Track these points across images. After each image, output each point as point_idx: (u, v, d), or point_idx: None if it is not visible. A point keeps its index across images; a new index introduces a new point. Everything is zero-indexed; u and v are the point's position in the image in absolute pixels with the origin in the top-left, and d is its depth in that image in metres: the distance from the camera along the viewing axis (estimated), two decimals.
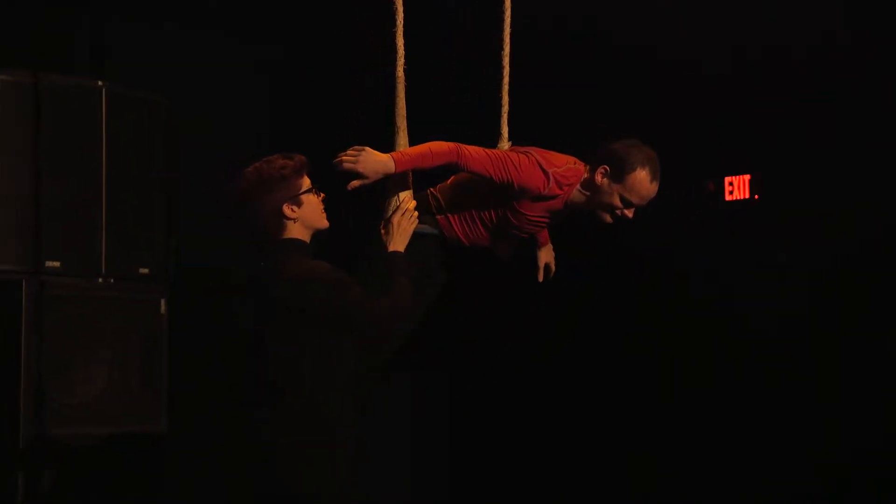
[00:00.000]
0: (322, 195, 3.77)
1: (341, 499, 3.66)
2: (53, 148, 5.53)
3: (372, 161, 3.88)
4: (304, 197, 3.73)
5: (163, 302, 5.80)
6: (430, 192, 4.20)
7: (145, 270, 5.77)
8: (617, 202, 4.09)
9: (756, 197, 5.90)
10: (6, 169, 5.42)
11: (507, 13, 4.35)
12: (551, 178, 4.02)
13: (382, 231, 3.94)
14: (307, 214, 3.74)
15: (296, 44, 7.02)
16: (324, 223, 3.78)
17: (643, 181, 4.06)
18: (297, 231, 3.74)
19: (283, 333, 3.64)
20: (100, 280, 5.63)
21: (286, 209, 3.71)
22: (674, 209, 6.03)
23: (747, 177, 5.92)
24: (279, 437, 3.61)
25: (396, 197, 3.98)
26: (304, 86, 7.06)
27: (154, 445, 5.73)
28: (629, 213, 4.13)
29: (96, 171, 5.64)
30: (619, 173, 4.06)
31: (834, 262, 5.63)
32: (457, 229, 4.16)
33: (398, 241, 3.91)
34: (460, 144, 3.97)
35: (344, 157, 3.88)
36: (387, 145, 3.99)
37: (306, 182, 3.75)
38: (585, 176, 4.11)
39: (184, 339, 6.00)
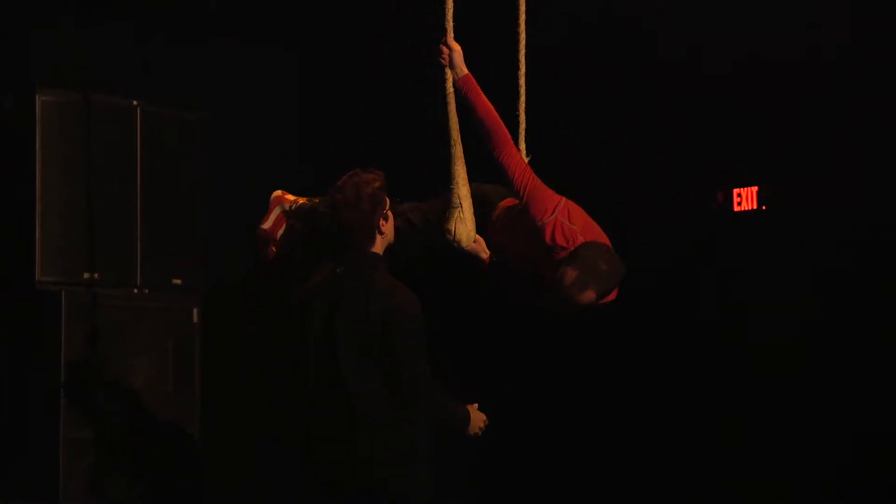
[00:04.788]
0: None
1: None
2: (92, 165, 5.80)
3: (456, 59, 4.16)
4: (388, 212, 3.93)
5: (195, 311, 6.06)
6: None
7: (178, 281, 6.03)
8: (550, 283, 4.01)
9: (764, 208, 6.01)
10: (47, 185, 5.69)
11: (522, 34, 4.50)
12: (557, 213, 4.05)
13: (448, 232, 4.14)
14: (390, 230, 3.95)
15: (328, 55, 7.15)
16: (393, 238, 3.98)
17: (564, 280, 3.92)
18: (379, 245, 3.91)
19: (352, 335, 3.78)
20: (135, 291, 5.90)
21: (381, 224, 3.89)
22: (685, 220, 6.19)
23: (755, 188, 6.02)
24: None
25: (457, 193, 4.16)
26: (337, 97, 7.19)
27: (188, 448, 5.99)
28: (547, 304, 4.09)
29: (133, 187, 5.92)
30: (564, 261, 3.98)
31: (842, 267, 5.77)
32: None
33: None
34: (514, 146, 4.14)
35: (444, 48, 4.14)
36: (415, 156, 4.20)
37: (387, 198, 3.94)
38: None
39: (216, 347, 6.24)
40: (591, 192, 5.06)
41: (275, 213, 4.39)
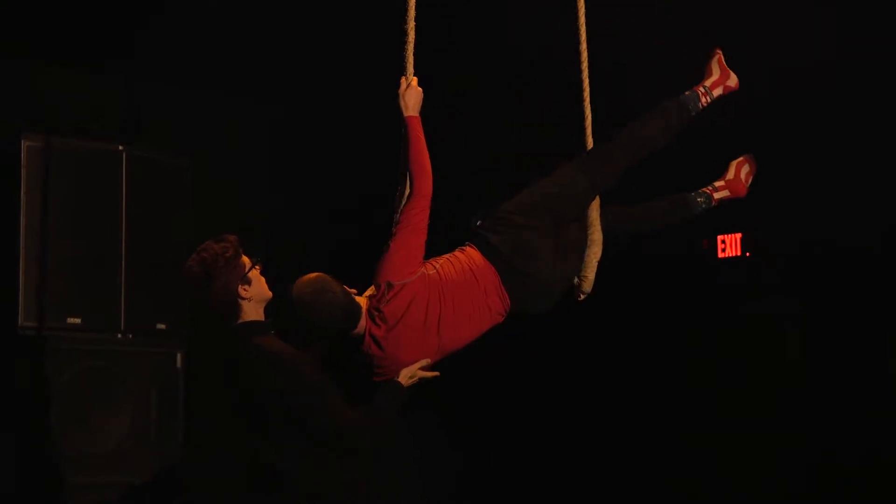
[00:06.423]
0: (259, 266, 3.87)
1: None
2: (77, 209, 5.80)
3: (411, 97, 4.08)
4: (250, 275, 3.84)
5: (179, 356, 6.04)
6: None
7: (163, 326, 6.02)
8: None
9: (748, 254, 6.06)
10: (31, 230, 5.68)
11: (583, 28, 4.46)
12: (396, 288, 3.96)
13: None
14: (257, 291, 3.85)
15: (307, 104, 7.21)
16: (269, 293, 3.89)
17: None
18: (251, 311, 3.83)
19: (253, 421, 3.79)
20: (119, 335, 5.88)
21: (241, 291, 3.81)
22: (670, 267, 6.24)
23: (739, 235, 6.08)
24: None
25: None
26: (316, 145, 7.27)
27: (172, 495, 5.95)
28: None
29: (117, 231, 5.91)
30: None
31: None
32: None
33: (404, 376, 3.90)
34: (428, 202, 4.05)
35: (405, 81, 4.06)
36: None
37: (247, 260, 3.85)
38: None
39: (200, 391, 6.22)
40: None
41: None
